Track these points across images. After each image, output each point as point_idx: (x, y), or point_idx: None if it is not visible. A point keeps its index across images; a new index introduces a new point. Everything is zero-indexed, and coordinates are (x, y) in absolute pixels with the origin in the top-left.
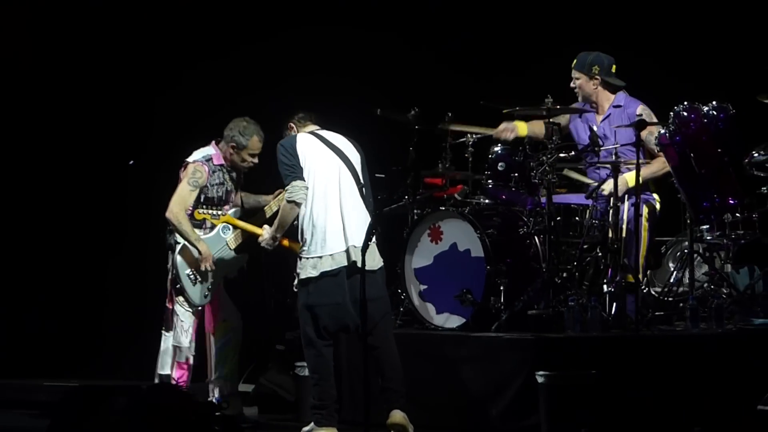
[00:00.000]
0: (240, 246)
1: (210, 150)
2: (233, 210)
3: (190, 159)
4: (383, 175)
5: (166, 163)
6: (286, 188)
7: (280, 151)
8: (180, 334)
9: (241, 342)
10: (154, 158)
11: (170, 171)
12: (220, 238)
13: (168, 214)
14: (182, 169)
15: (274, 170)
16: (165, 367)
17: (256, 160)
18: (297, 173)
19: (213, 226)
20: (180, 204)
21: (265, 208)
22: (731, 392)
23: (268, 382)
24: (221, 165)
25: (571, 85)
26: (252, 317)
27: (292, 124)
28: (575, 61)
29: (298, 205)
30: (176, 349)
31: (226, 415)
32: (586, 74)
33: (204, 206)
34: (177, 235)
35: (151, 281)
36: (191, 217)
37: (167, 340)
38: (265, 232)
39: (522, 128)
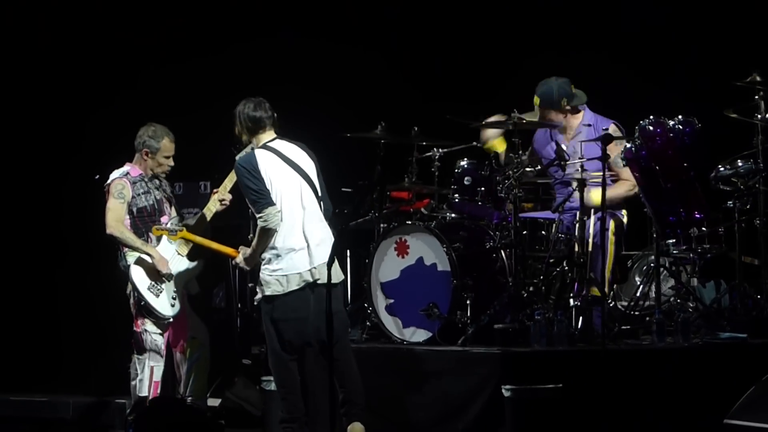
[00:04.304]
0: (192, 252)
1: (125, 168)
2: (174, 218)
3: (108, 181)
4: (350, 190)
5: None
6: (260, 215)
7: (242, 172)
8: (155, 354)
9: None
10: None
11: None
12: (168, 247)
13: (108, 230)
14: (106, 192)
15: None
16: (143, 389)
17: (171, 162)
18: (267, 198)
19: (159, 237)
20: (115, 218)
21: (204, 210)
22: (697, 406)
23: (234, 396)
24: (140, 175)
25: (538, 119)
26: (219, 332)
27: (245, 135)
28: (539, 99)
29: (274, 231)
30: (153, 369)
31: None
32: (556, 110)
33: (157, 222)
34: (126, 256)
35: (110, 297)
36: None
37: (142, 363)
38: (241, 254)
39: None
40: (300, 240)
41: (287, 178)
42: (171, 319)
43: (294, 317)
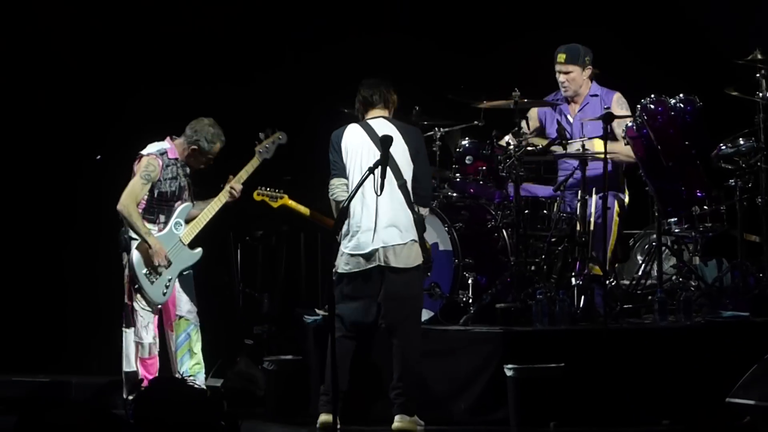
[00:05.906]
0: (194, 241)
1: (165, 144)
2: (185, 205)
3: (144, 152)
4: None
5: (126, 157)
6: (328, 185)
7: (330, 144)
8: (141, 330)
9: (201, 337)
10: (118, 153)
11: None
12: (173, 235)
13: (119, 207)
14: (136, 161)
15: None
16: (130, 363)
17: (211, 162)
18: (337, 170)
19: (166, 223)
20: (131, 197)
21: (215, 200)
22: (700, 385)
23: (236, 376)
24: (176, 159)
25: (561, 79)
26: (221, 312)
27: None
28: (564, 55)
29: (339, 201)
30: (138, 345)
31: (229, 412)
32: (581, 66)
33: (260, 187)
34: (131, 232)
35: (113, 276)
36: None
37: (128, 337)
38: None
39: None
40: (370, 219)
41: (367, 155)
42: (160, 305)
43: (354, 296)
